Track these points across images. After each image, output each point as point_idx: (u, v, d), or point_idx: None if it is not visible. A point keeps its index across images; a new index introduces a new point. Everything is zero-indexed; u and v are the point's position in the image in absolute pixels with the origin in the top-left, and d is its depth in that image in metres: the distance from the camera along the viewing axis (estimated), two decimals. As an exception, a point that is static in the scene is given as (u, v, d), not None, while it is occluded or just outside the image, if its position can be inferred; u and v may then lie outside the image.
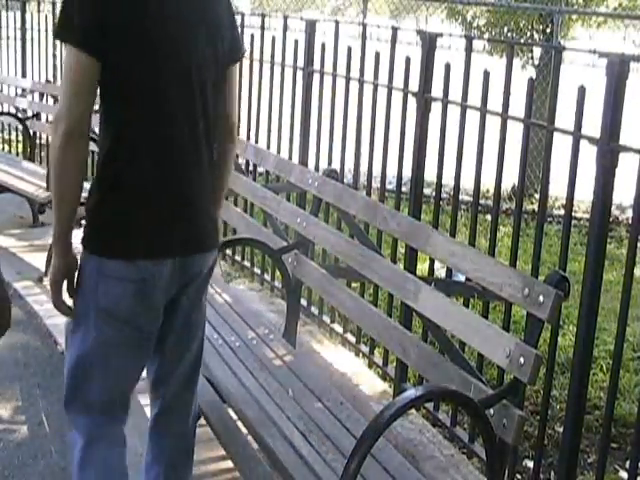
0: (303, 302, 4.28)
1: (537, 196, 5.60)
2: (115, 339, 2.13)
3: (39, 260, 5.22)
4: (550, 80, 2.98)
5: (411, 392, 1.99)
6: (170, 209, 2.11)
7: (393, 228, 2.94)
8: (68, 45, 1.95)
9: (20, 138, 7.45)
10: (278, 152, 4.67)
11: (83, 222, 2.14)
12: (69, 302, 2.17)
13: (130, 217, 2.08)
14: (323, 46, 4.32)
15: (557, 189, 6.35)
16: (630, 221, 2.81)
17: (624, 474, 3.24)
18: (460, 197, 3.46)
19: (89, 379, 2.17)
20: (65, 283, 2.14)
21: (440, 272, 4.52)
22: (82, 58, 1.93)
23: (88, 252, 2.11)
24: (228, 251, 5.36)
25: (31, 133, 6.75)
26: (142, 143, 2.05)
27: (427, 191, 5.29)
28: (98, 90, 2.02)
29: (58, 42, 7.31)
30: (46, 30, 7.32)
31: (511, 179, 6.14)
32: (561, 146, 2.92)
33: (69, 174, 2.04)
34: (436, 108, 3.37)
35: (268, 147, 4.86)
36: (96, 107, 2.04)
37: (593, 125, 2.62)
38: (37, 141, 6.98)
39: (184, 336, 2.31)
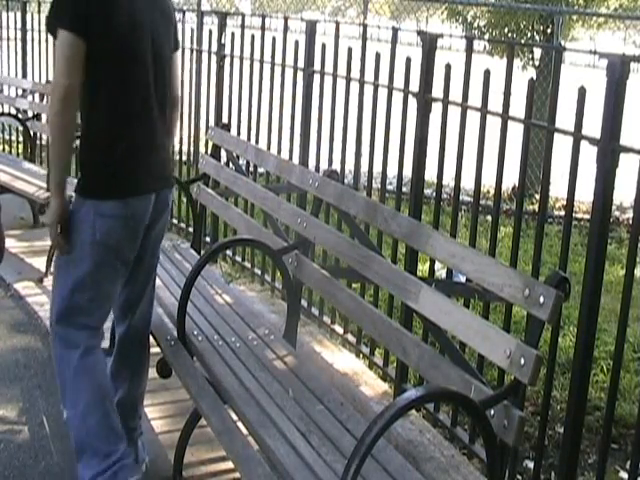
0: (303, 303, 4.28)
1: (537, 197, 5.61)
2: (106, 266, 2.67)
3: (39, 261, 5.22)
4: (550, 81, 2.99)
5: (411, 393, 1.98)
6: (148, 155, 2.72)
7: (393, 229, 2.94)
8: (61, 30, 2.49)
9: (20, 139, 7.45)
10: (278, 153, 4.68)
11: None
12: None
13: (121, 164, 2.63)
14: (323, 47, 4.32)
15: (557, 190, 6.39)
16: (630, 221, 2.81)
17: (624, 474, 3.24)
18: (460, 198, 3.47)
19: (85, 299, 2.68)
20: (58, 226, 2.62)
21: (440, 273, 4.53)
22: (72, 39, 2.48)
23: (84, 198, 2.62)
24: (228, 252, 5.36)
25: (31, 134, 6.75)
26: (125, 106, 2.62)
27: (427, 192, 5.29)
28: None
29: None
30: (46, 31, 7.31)
31: (511, 180, 6.16)
32: (562, 147, 2.92)
33: (66, 133, 2.52)
34: (436, 109, 3.37)
35: (268, 148, 4.87)
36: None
37: (593, 126, 2.62)
38: (37, 142, 6.98)
39: (152, 262, 2.95)
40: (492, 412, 2.21)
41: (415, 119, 3.47)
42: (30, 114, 6.70)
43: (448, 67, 3.30)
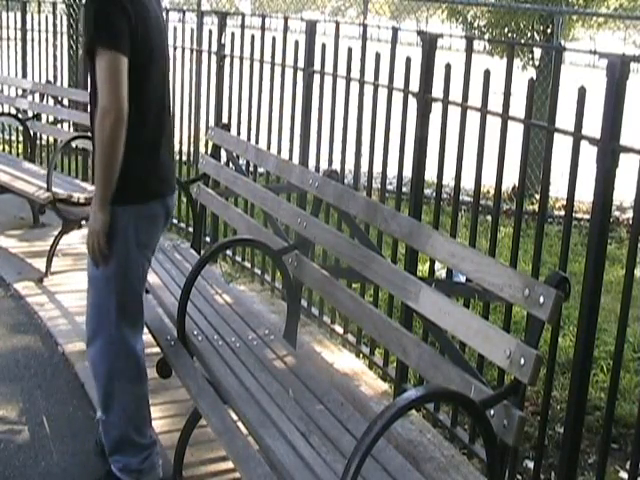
0: (303, 303, 4.29)
1: (537, 197, 5.61)
2: (144, 262, 2.85)
3: (39, 261, 5.22)
4: (550, 81, 2.98)
5: (411, 393, 1.98)
6: (168, 157, 2.88)
7: (393, 229, 2.94)
8: (107, 50, 2.51)
9: (20, 139, 7.45)
10: (278, 153, 4.68)
11: (83, 222, 2.56)
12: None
13: (153, 170, 2.78)
14: (323, 47, 4.32)
15: (557, 190, 6.39)
16: (630, 221, 2.81)
17: (624, 474, 3.24)
18: (460, 198, 3.47)
19: (133, 295, 2.82)
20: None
21: (440, 273, 4.53)
22: (119, 58, 2.53)
23: (123, 206, 2.70)
24: (228, 252, 5.36)
25: (31, 134, 6.75)
26: (157, 113, 2.76)
27: (427, 192, 5.30)
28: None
29: (59, 43, 7.32)
30: (47, 31, 7.32)
31: (511, 180, 6.17)
32: (562, 147, 2.92)
33: (117, 154, 2.58)
34: (436, 109, 3.37)
35: (268, 148, 4.87)
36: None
37: (593, 126, 2.63)
38: (37, 142, 6.98)
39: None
40: (492, 412, 2.21)
41: (415, 119, 3.47)
42: (30, 114, 6.71)
43: (448, 67, 3.30)
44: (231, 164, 4.70)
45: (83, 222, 5.17)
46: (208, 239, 5.28)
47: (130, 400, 2.87)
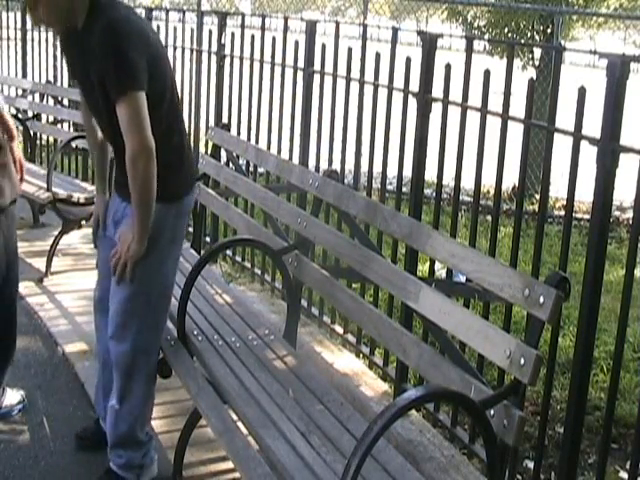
0: (303, 303, 4.29)
1: (537, 197, 5.61)
2: (178, 255, 2.99)
3: (39, 261, 5.22)
4: (550, 81, 2.98)
5: (411, 393, 1.98)
6: (190, 151, 3.02)
7: (393, 229, 2.94)
8: (132, 92, 2.55)
9: (20, 139, 7.44)
10: (278, 153, 4.68)
11: (83, 222, 2.59)
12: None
13: (182, 171, 2.90)
14: (323, 47, 4.32)
15: (557, 190, 6.39)
16: (630, 221, 2.81)
17: (624, 474, 3.24)
18: (460, 198, 3.47)
19: (166, 291, 2.91)
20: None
21: (440, 273, 4.53)
22: (142, 96, 2.58)
23: (169, 203, 2.79)
24: (228, 252, 5.36)
25: (31, 134, 6.75)
26: (178, 121, 2.88)
27: (427, 192, 5.30)
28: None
29: (59, 43, 7.31)
30: (47, 31, 7.32)
31: (511, 180, 6.16)
32: (562, 147, 2.92)
33: (153, 190, 2.66)
34: (436, 109, 3.37)
35: (268, 148, 4.87)
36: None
37: (593, 126, 2.62)
38: (37, 142, 6.98)
39: None
40: (492, 412, 2.21)
41: (415, 119, 3.47)
42: (30, 114, 6.71)
43: (448, 67, 3.30)
44: (231, 164, 4.70)
45: (83, 222, 5.17)
46: (208, 239, 5.28)
47: (145, 398, 2.94)
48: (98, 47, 2.55)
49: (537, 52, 9.30)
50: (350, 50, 4.02)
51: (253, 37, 4.99)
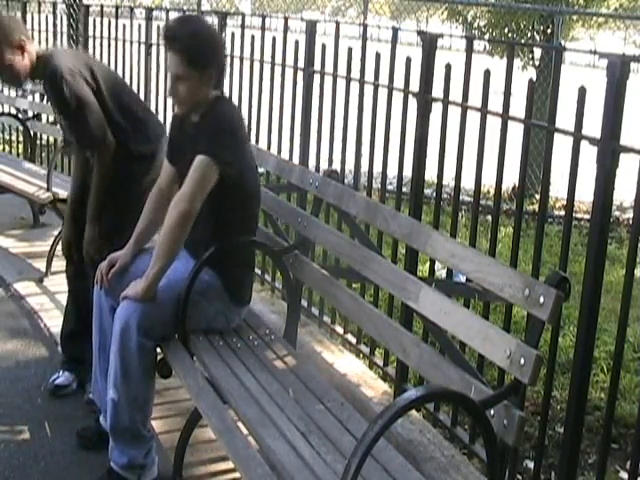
0: (304, 303, 4.28)
1: (537, 197, 5.60)
2: None
3: (40, 261, 5.22)
4: (550, 81, 2.98)
5: (411, 393, 1.98)
6: None
7: (393, 229, 2.94)
8: (215, 161, 2.85)
9: (21, 139, 7.45)
10: (279, 153, 4.67)
11: None
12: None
13: None
14: (324, 47, 4.32)
15: (557, 190, 6.39)
16: (631, 221, 2.81)
17: (624, 474, 3.24)
18: (461, 198, 3.46)
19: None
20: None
21: (441, 273, 4.52)
22: (215, 170, 2.86)
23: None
24: (228, 252, 5.35)
25: (31, 134, 6.75)
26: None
27: (428, 192, 5.29)
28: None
29: (59, 43, 7.31)
30: (47, 31, 7.32)
31: (511, 180, 6.16)
32: (562, 147, 2.92)
33: (177, 244, 2.87)
34: (437, 108, 3.37)
35: (269, 148, 4.86)
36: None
37: (594, 126, 2.62)
38: (38, 142, 6.98)
39: None
40: (492, 412, 2.21)
41: (415, 119, 3.47)
42: (30, 114, 6.70)
43: (448, 67, 3.30)
44: (231, 164, 4.69)
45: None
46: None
47: (143, 389, 2.95)
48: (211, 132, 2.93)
49: (537, 52, 9.30)
50: (350, 50, 4.02)
51: (253, 37, 4.99)
